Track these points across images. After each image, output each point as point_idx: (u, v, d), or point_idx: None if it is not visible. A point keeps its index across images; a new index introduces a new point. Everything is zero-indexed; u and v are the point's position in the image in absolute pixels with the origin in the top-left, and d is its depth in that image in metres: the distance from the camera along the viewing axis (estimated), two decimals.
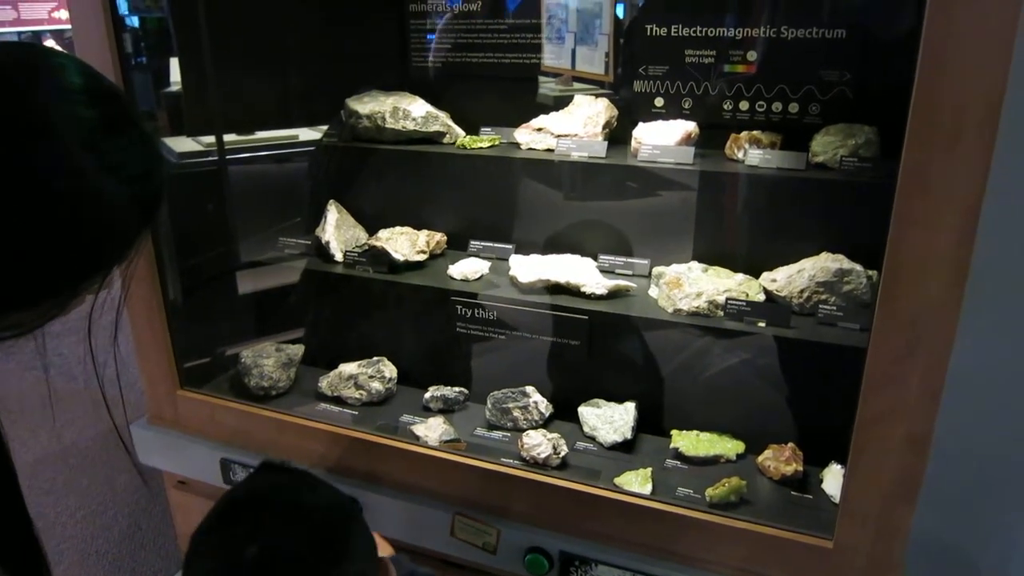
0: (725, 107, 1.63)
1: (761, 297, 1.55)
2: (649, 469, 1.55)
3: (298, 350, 1.96)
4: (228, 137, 2.05)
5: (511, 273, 1.73)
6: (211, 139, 2.02)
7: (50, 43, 6.76)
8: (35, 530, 0.91)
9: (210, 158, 2.02)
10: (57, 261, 0.76)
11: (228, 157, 2.05)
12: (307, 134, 2.09)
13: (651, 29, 1.64)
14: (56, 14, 6.77)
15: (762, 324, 1.50)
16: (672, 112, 1.68)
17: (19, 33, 6.57)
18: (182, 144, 2.02)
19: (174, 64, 1.92)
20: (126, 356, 2.17)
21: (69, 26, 5.98)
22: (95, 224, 0.77)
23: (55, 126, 0.73)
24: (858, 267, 1.48)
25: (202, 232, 2.03)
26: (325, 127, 2.00)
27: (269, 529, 0.97)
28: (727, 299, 1.52)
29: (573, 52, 1.79)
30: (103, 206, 0.76)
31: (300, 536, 0.97)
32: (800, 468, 1.53)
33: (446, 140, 1.85)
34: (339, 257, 1.87)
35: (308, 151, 2.05)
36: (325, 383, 1.88)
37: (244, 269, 2.08)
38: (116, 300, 0.92)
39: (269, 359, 1.90)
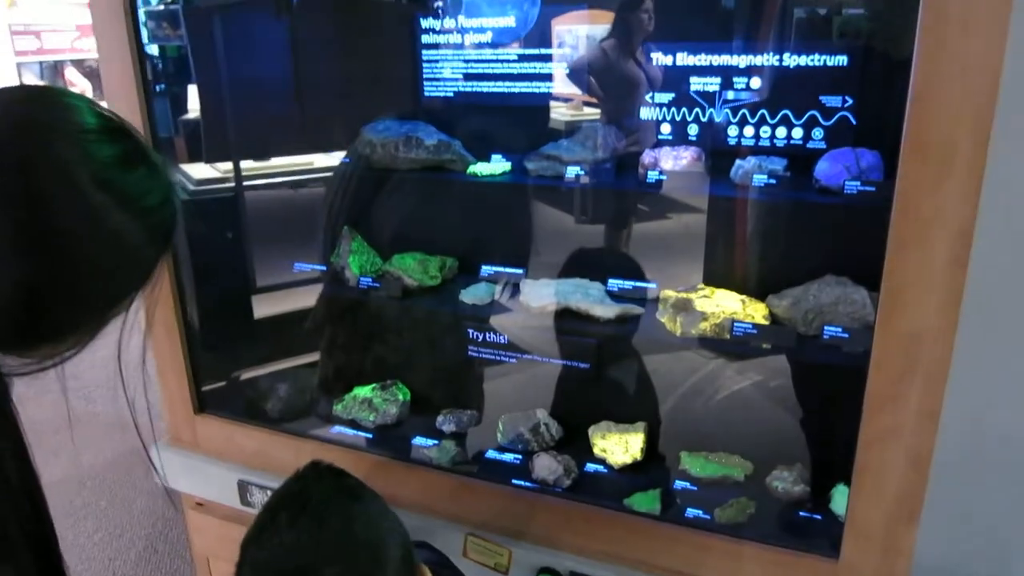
0: (730, 133, 1.66)
1: (767, 320, 1.57)
2: (658, 490, 1.57)
3: (314, 374, 2.00)
4: (245, 164, 2.10)
5: (521, 298, 1.76)
6: (228, 166, 2.07)
7: (70, 71, 6.90)
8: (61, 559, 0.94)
9: (227, 184, 2.07)
10: (82, 296, 0.80)
11: (245, 184, 2.10)
12: (323, 161, 2.14)
13: (658, 58, 1.68)
14: (77, 43, 6.90)
15: (768, 346, 1.53)
16: (678, 138, 1.71)
17: (41, 62, 6.70)
18: (200, 171, 2.07)
19: (191, 91, 1.97)
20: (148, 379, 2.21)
21: (89, 55, 6.12)
22: (116, 258, 0.81)
23: (72, 169, 0.76)
24: (862, 289, 1.51)
25: (219, 258, 2.08)
26: (341, 154, 2.05)
27: (320, 560, 1.00)
28: (733, 322, 1.55)
29: (585, 79, 1.83)
30: (122, 241, 0.80)
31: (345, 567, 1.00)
32: (808, 488, 1.54)
33: (458, 167, 1.89)
34: (354, 282, 1.90)
35: (324, 178, 2.09)
36: (340, 406, 1.92)
37: (261, 294, 2.12)
38: (138, 323, 0.95)
39: (285, 383, 1.94)
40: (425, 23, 1.89)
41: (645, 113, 1.72)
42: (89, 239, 0.77)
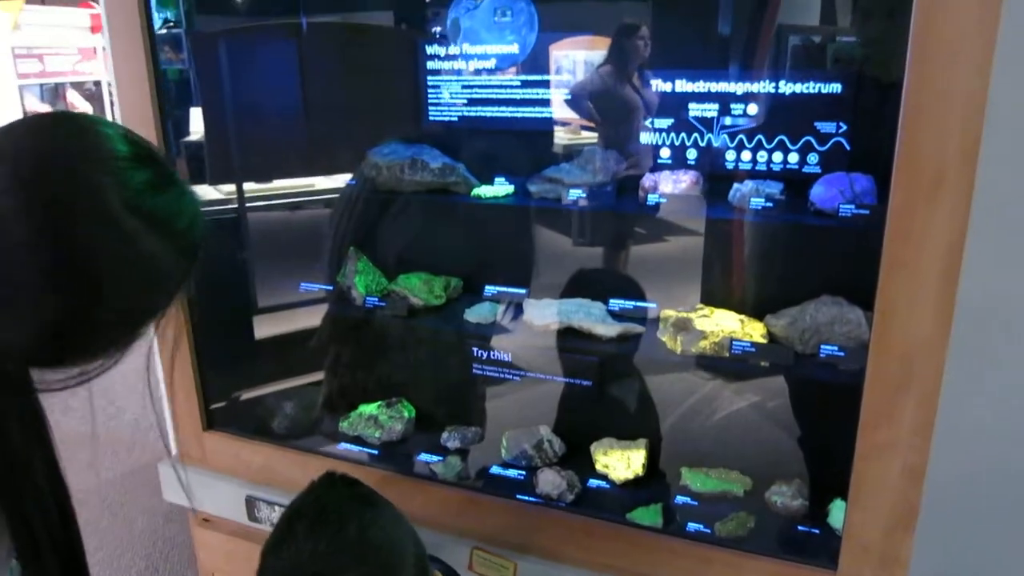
0: (728, 157, 1.71)
1: (765, 339, 1.61)
2: (660, 505, 1.60)
3: (320, 392, 2.03)
4: (249, 186, 2.14)
5: (525, 317, 1.80)
6: (229, 187, 2.11)
7: (71, 93, 6.96)
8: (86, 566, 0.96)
9: (230, 206, 2.11)
10: (114, 318, 0.83)
11: (251, 205, 2.14)
12: (330, 183, 2.18)
13: (656, 85, 1.73)
14: (79, 66, 6.97)
15: (766, 365, 1.57)
16: (678, 162, 1.75)
17: (41, 84, 6.75)
18: (204, 193, 2.10)
19: (193, 114, 2.01)
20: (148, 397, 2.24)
21: (89, 78, 6.16)
22: (148, 280, 0.83)
23: (105, 197, 0.77)
24: (857, 309, 1.55)
25: (227, 278, 2.11)
26: (342, 177, 2.09)
27: (340, 568, 1.04)
28: (732, 341, 1.59)
29: (584, 104, 1.88)
30: (154, 263, 0.83)
31: (356, 566, 1.04)
32: (806, 503, 1.58)
33: (462, 190, 1.93)
34: (360, 302, 1.94)
35: (330, 199, 2.14)
36: (346, 423, 1.95)
37: (268, 313, 2.16)
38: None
39: (292, 400, 1.97)
40: (430, 49, 1.94)
41: (645, 138, 1.77)
42: (122, 264, 0.80)
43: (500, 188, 1.90)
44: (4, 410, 0.81)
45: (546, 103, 1.84)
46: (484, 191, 1.89)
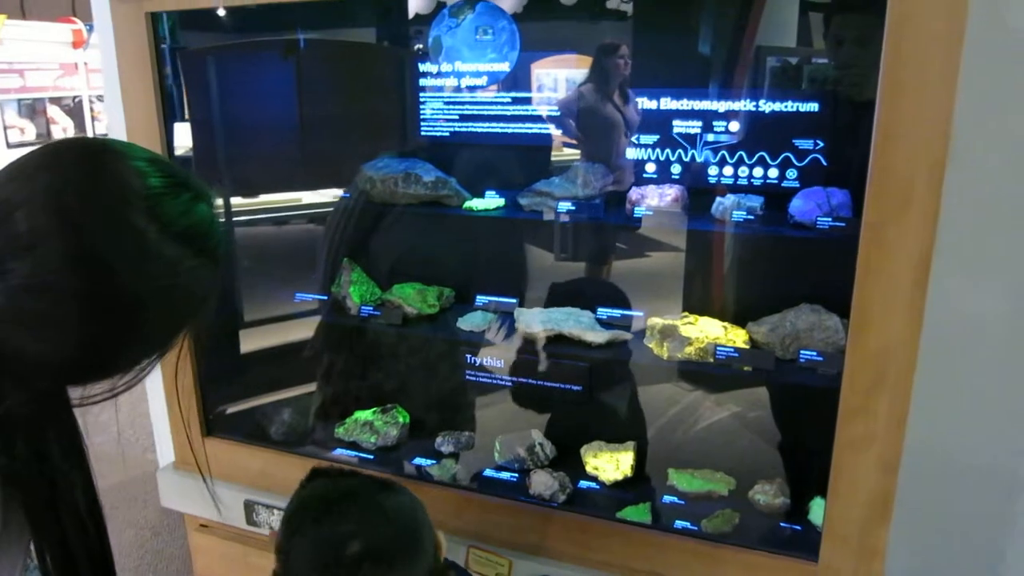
0: (711, 172, 1.78)
1: (747, 345, 1.68)
2: (648, 504, 1.67)
3: (315, 399, 2.08)
4: (238, 200, 2.19)
5: (517, 325, 1.86)
6: (219, 202, 2.15)
7: (52, 109, 6.94)
8: None
9: (221, 220, 2.15)
10: (153, 335, 0.85)
11: (248, 218, 2.19)
12: (318, 198, 2.23)
13: (640, 102, 1.80)
14: (59, 81, 6.96)
15: (748, 369, 1.64)
16: (663, 177, 1.81)
17: (19, 100, 6.73)
18: None
19: (179, 129, 2.03)
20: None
21: (69, 93, 6.12)
22: (182, 300, 0.86)
23: (139, 230, 0.78)
24: (835, 316, 1.62)
25: (225, 288, 2.15)
26: (339, 191, 2.14)
27: (364, 527, 1.09)
28: (716, 347, 1.66)
29: (568, 121, 1.94)
30: (187, 284, 0.84)
31: (389, 533, 1.10)
32: (787, 501, 1.65)
33: (454, 203, 1.98)
34: (355, 311, 1.99)
35: (325, 212, 2.18)
36: (342, 429, 2.00)
37: (265, 324, 2.20)
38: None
39: (288, 407, 2.02)
40: (422, 67, 1.99)
41: (631, 153, 1.83)
42: (161, 289, 0.81)
43: (491, 201, 1.95)
44: (43, 427, 0.83)
45: (529, 120, 1.88)
46: (476, 204, 1.94)
